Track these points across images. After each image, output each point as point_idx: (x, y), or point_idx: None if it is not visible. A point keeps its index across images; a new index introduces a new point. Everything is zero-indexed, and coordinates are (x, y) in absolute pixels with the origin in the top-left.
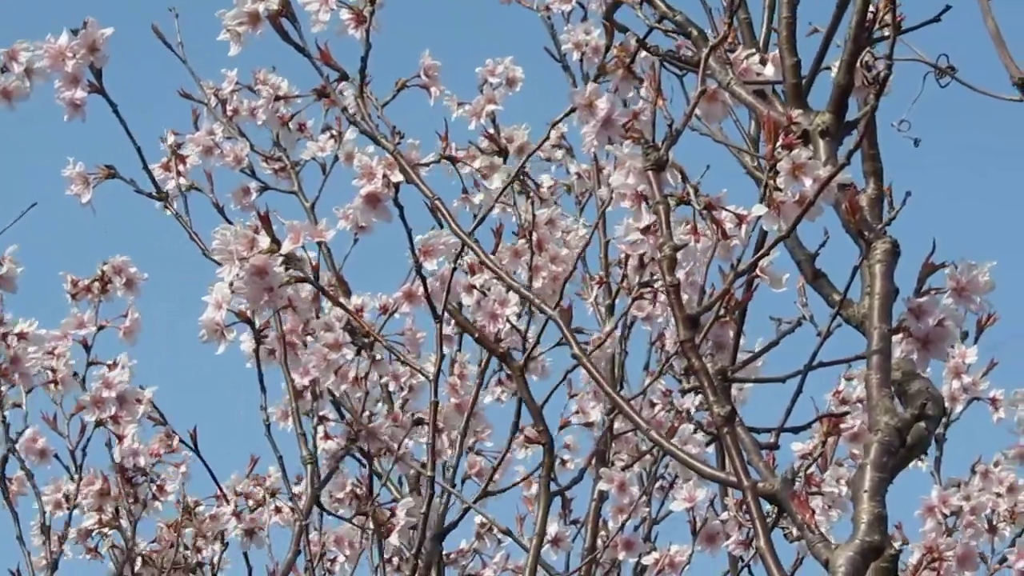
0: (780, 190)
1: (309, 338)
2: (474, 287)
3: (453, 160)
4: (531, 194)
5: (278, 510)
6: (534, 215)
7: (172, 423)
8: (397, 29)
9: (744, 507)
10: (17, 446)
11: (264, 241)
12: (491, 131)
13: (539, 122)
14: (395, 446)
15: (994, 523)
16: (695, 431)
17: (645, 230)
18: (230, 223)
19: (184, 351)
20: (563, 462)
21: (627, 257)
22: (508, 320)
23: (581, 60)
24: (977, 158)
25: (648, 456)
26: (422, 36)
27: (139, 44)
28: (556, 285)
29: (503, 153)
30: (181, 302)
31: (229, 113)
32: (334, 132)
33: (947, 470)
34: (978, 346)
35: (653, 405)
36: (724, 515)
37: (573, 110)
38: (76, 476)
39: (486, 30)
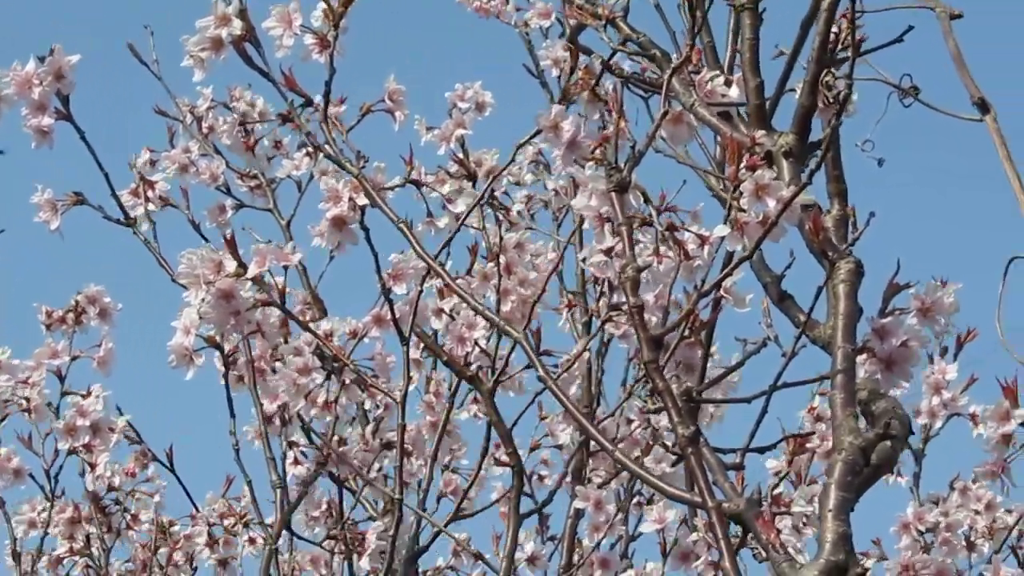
0: (744, 211)
1: (278, 363)
2: (443, 311)
3: (418, 184)
4: (500, 217)
5: (252, 541)
6: (501, 238)
7: (148, 442)
8: (374, 44)
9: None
10: None
11: (230, 264)
12: (460, 155)
13: (516, 138)
14: (365, 471)
15: (972, 540)
16: (665, 450)
17: (608, 252)
18: (206, 240)
19: (159, 370)
20: (540, 478)
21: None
22: (476, 343)
23: (559, 77)
24: (940, 178)
25: (625, 473)
26: (400, 52)
27: (114, 62)
28: (525, 308)
29: (472, 177)
30: (156, 323)
31: (205, 130)
32: (309, 150)
33: (926, 486)
34: (958, 362)
35: (630, 422)
36: (693, 536)
37: (539, 132)
38: (51, 495)
39: (464, 46)
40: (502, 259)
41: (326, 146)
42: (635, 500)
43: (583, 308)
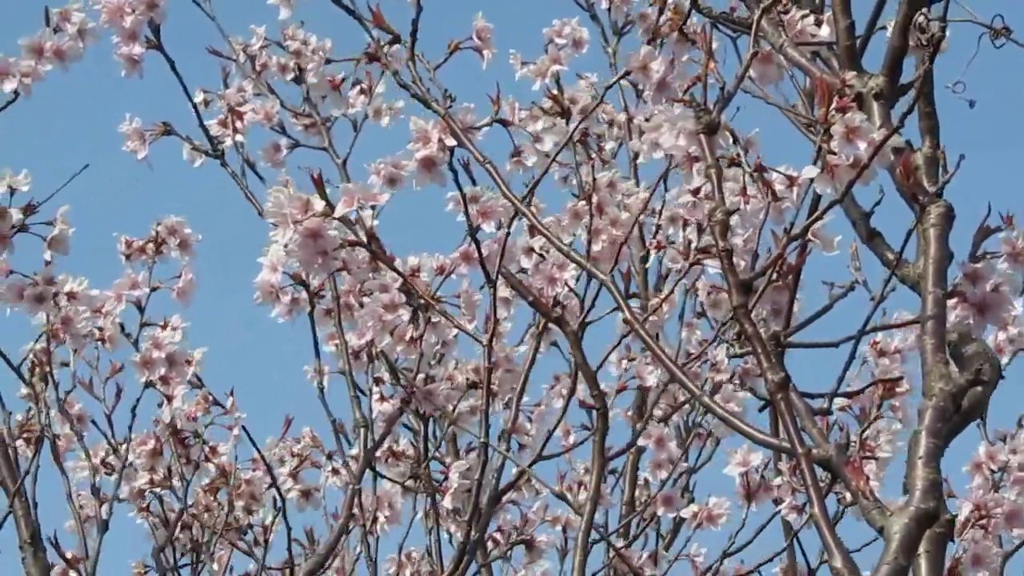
0: (834, 153)
1: (365, 299)
2: (533, 249)
3: (505, 123)
4: (592, 155)
5: (335, 471)
6: (594, 177)
7: (212, 386)
8: None
9: (796, 471)
10: (65, 403)
11: (318, 204)
12: (554, 92)
13: (569, 73)
14: (450, 408)
15: None
16: (741, 393)
17: (696, 192)
18: (262, 180)
19: (222, 313)
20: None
21: (661, 208)
22: (566, 284)
23: (610, 9)
24: None
25: (686, 406)
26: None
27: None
28: (615, 249)
29: (566, 114)
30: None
31: (258, 69)
32: (364, 87)
33: (992, 422)
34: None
35: (689, 355)
36: (777, 480)
37: (628, 73)
38: (113, 440)
39: None
40: (594, 198)
41: (413, 84)
42: (696, 432)
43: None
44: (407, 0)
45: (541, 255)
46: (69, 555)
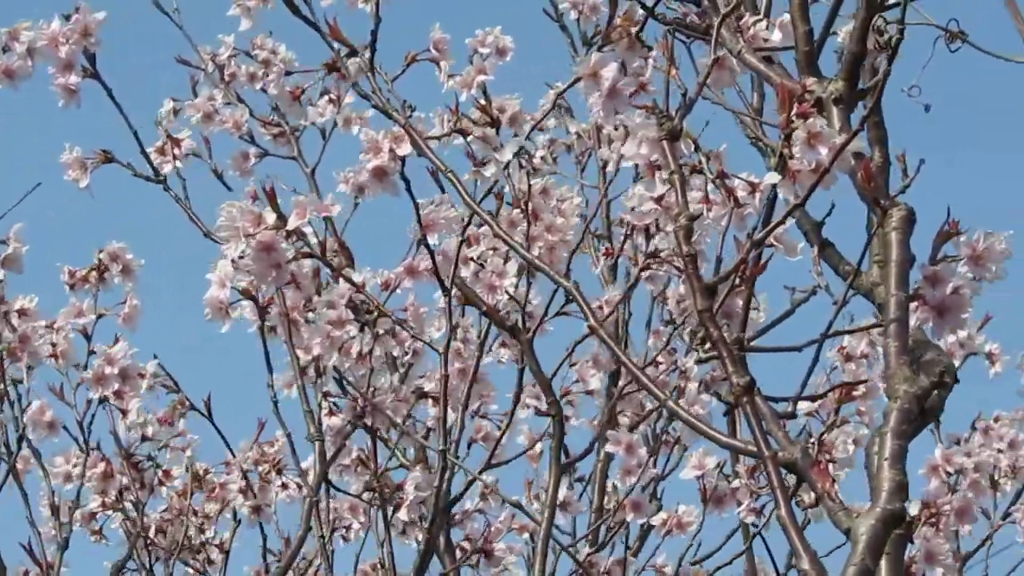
0: (795, 159)
1: (311, 315)
2: (471, 259)
3: (464, 133)
4: (524, 164)
5: (284, 486)
6: (529, 185)
7: (186, 393)
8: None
9: (755, 475)
10: (25, 419)
11: (270, 217)
12: (482, 102)
13: (537, 83)
14: (400, 421)
15: (996, 479)
16: (706, 396)
17: (658, 200)
18: (229, 189)
19: (193, 319)
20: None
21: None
22: (506, 291)
23: (579, 20)
24: (988, 122)
25: (653, 414)
26: (414, 9)
27: (135, 12)
28: (552, 255)
29: (495, 124)
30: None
31: (227, 79)
32: (333, 97)
33: (944, 426)
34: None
35: (657, 364)
36: (736, 483)
37: (578, 79)
38: (86, 447)
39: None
40: (529, 205)
41: (373, 95)
42: (664, 439)
43: (609, 254)
44: (367, 11)
45: (480, 264)
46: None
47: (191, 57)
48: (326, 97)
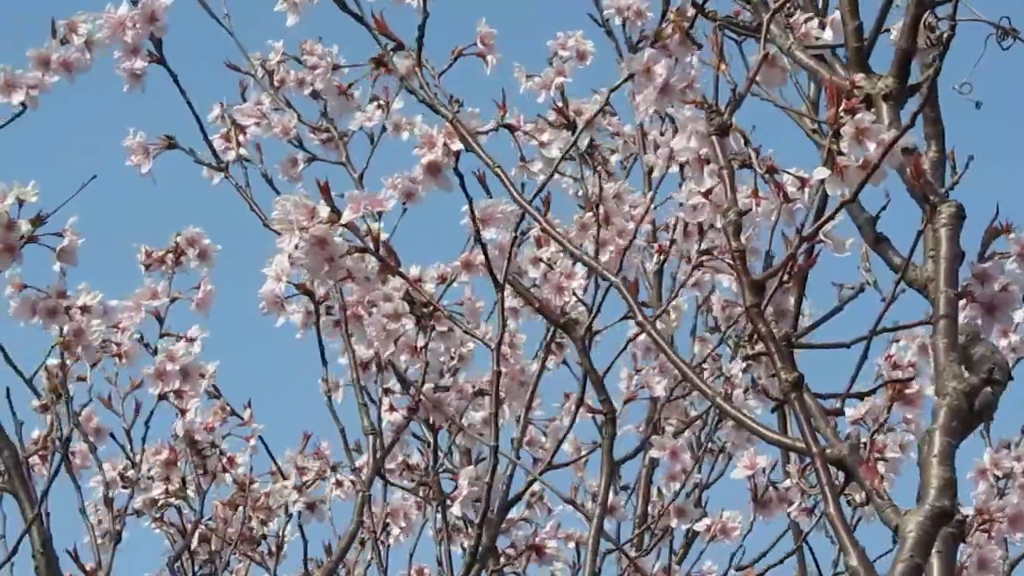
0: (843, 154)
1: (372, 309)
2: (540, 259)
3: (511, 128)
4: (598, 167)
5: (339, 483)
6: (601, 188)
7: (229, 395)
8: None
9: (805, 473)
10: (80, 417)
11: (324, 211)
12: (559, 104)
13: (584, 87)
14: (458, 417)
15: None
16: (753, 402)
17: (706, 194)
18: (279, 194)
19: (235, 324)
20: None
21: (676, 222)
22: (574, 293)
23: (624, 24)
24: None
25: (698, 422)
26: (459, 4)
27: (184, 16)
28: (624, 260)
29: (572, 126)
30: (242, 270)
31: (276, 84)
32: (381, 102)
33: (996, 430)
34: None
35: (703, 371)
36: (786, 482)
37: (631, 76)
38: (132, 454)
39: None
40: (601, 209)
41: (421, 90)
42: (708, 448)
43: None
44: (414, 7)
45: (549, 265)
46: (88, 567)
47: (241, 63)
48: (375, 102)
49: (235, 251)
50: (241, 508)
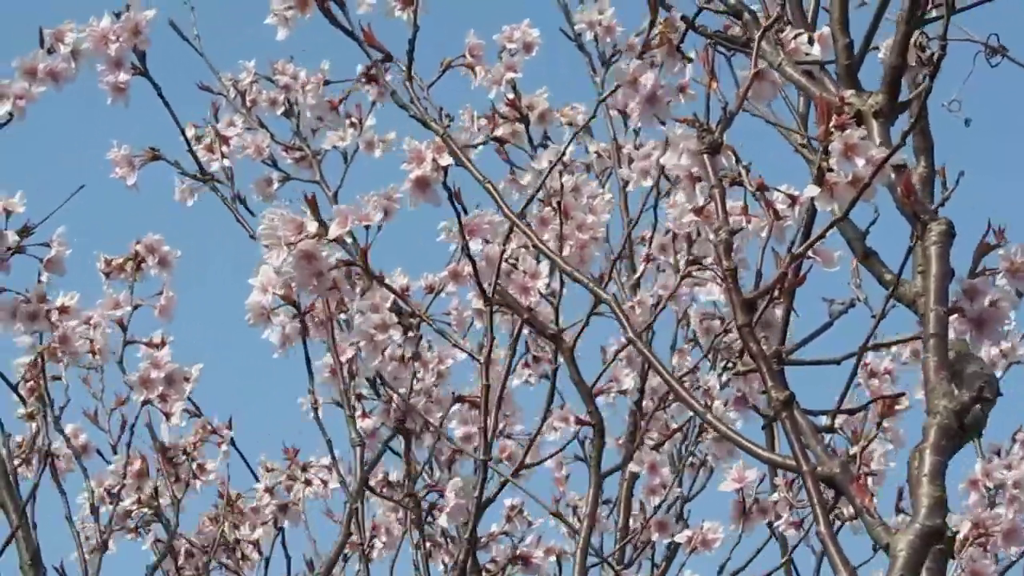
0: (833, 171)
1: (354, 318)
2: (504, 259)
3: (501, 141)
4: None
5: (308, 483)
6: (561, 184)
7: (206, 410)
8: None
9: (792, 486)
10: (61, 421)
11: (312, 225)
12: (511, 97)
13: (557, 102)
14: (437, 425)
15: None
16: (733, 414)
17: (698, 211)
18: (252, 214)
19: (215, 339)
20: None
21: (652, 235)
22: (539, 291)
23: (595, 39)
24: None
25: (678, 434)
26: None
27: (154, 37)
28: (584, 253)
29: (524, 120)
30: (224, 280)
31: (248, 104)
32: (354, 120)
33: (985, 437)
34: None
35: (682, 383)
36: (774, 495)
37: (618, 87)
38: (117, 468)
39: (499, 15)
40: (560, 203)
41: (411, 104)
42: (689, 462)
43: (631, 269)
44: (403, 20)
45: (513, 264)
46: None
47: (212, 83)
48: (348, 120)
49: (222, 260)
50: (219, 528)
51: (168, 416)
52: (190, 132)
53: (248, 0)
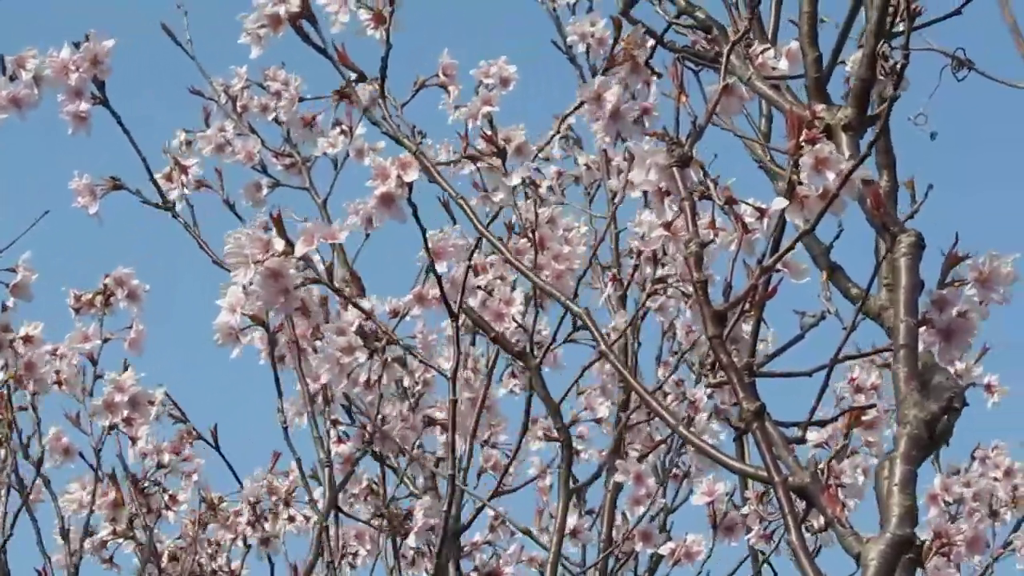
0: (803, 184)
1: (319, 342)
2: (479, 287)
3: (474, 159)
4: (530, 193)
5: (291, 519)
6: (536, 214)
7: (193, 422)
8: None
9: (764, 500)
10: (30, 451)
11: (278, 244)
12: (488, 132)
13: (548, 115)
14: (408, 447)
15: (995, 508)
16: (721, 422)
17: (667, 226)
18: (241, 220)
19: (204, 351)
20: (576, 452)
21: (638, 248)
22: (514, 319)
23: (587, 51)
24: (994, 149)
25: (662, 446)
26: (426, 34)
27: (148, 42)
28: (560, 283)
29: (502, 154)
30: (197, 305)
31: (239, 110)
32: (344, 128)
33: (945, 454)
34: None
35: (666, 395)
36: (745, 508)
37: (581, 104)
38: (99, 474)
39: (492, 25)
40: (535, 234)
41: (384, 121)
42: (672, 472)
43: (618, 281)
44: (377, 39)
45: (488, 292)
46: None
47: (204, 88)
48: (338, 128)
49: (188, 282)
50: (202, 531)
51: (133, 440)
52: (180, 137)
53: (240, 5)
